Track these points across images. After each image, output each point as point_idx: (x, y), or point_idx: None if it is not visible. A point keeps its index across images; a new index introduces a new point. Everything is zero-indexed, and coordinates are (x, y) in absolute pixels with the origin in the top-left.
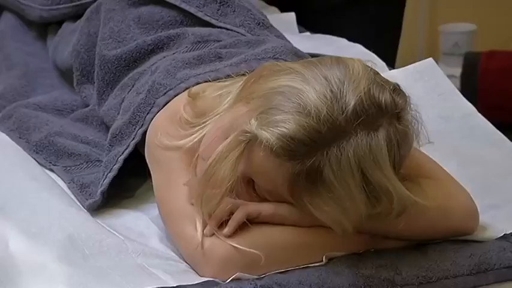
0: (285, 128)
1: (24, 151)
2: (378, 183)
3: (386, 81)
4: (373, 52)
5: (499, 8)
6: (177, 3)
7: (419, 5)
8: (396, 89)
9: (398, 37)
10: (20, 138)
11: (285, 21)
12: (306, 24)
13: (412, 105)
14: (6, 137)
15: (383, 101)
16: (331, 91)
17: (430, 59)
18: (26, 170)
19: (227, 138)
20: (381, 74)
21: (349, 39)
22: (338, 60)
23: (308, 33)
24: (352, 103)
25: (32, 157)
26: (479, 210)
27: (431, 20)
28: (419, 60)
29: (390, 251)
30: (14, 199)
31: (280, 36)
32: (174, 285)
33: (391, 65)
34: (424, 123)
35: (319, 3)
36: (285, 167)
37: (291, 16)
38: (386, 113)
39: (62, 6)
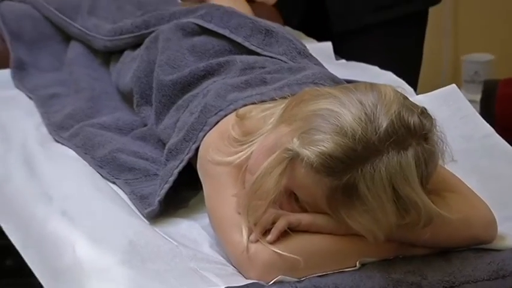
0: (324, 146)
1: (90, 166)
2: (407, 197)
3: (415, 105)
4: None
5: None
6: (226, 34)
7: (443, 37)
8: (423, 112)
9: (419, 64)
10: (85, 153)
11: (323, 50)
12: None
13: (437, 127)
14: (73, 152)
15: (412, 123)
16: (366, 114)
17: (453, 85)
18: (91, 182)
19: (272, 155)
20: (410, 99)
21: (370, 64)
22: (372, 86)
23: (344, 61)
24: (384, 125)
25: (96, 171)
26: (497, 222)
27: (454, 51)
28: (444, 87)
29: (417, 258)
30: (81, 208)
31: (319, 63)
32: (223, 286)
33: (414, 90)
34: (448, 143)
35: (338, 29)
36: (324, 182)
37: (328, 45)
38: (415, 133)
39: (123, 37)
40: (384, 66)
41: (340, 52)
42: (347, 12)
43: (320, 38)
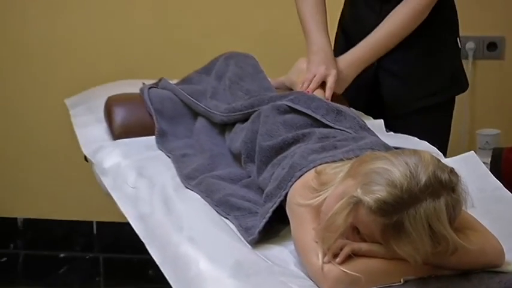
0: (380, 195)
1: (209, 205)
2: (439, 232)
3: (445, 165)
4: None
5: None
6: (309, 113)
7: (462, 116)
8: (452, 171)
9: (448, 136)
10: (206, 197)
11: (377, 125)
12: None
13: (461, 182)
14: (198, 196)
15: (443, 178)
16: (410, 171)
17: (472, 152)
18: (210, 217)
19: (341, 200)
20: (442, 161)
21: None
22: (414, 152)
23: (392, 133)
24: (423, 180)
25: (214, 209)
26: (505, 251)
27: (470, 126)
28: (464, 153)
29: (445, 277)
30: (202, 236)
31: (374, 135)
32: None
33: (444, 154)
34: (468, 193)
35: (390, 114)
36: (379, 221)
37: (380, 122)
38: (446, 186)
39: (235, 114)
40: (422, 138)
41: (389, 126)
42: (397, 101)
43: (375, 116)
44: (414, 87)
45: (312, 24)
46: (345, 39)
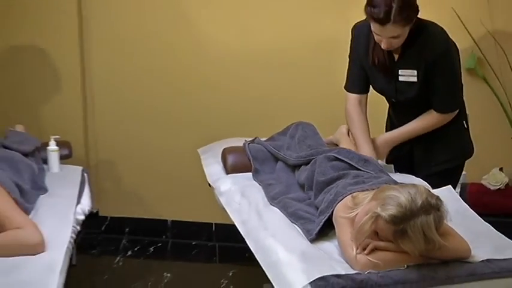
0: (391, 212)
1: (286, 216)
2: (430, 237)
3: (433, 194)
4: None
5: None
6: (347, 161)
7: None
8: (438, 198)
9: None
10: (284, 210)
11: (389, 168)
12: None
13: (443, 204)
14: (278, 210)
15: (432, 202)
16: (411, 197)
17: (449, 186)
18: (286, 223)
19: (367, 215)
20: (431, 191)
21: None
22: (413, 185)
23: (398, 173)
24: (420, 203)
25: (288, 219)
26: (471, 247)
27: None
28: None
29: (433, 264)
30: (281, 235)
31: (388, 174)
32: (343, 272)
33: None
34: (448, 211)
35: (420, 175)
36: (391, 228)
37: (391, 166)
38: (434, 207)
39: (301, 159)
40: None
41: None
42: (424, 163)
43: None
44: (437, 156)
45: (359, 135)
46: (390, 126)
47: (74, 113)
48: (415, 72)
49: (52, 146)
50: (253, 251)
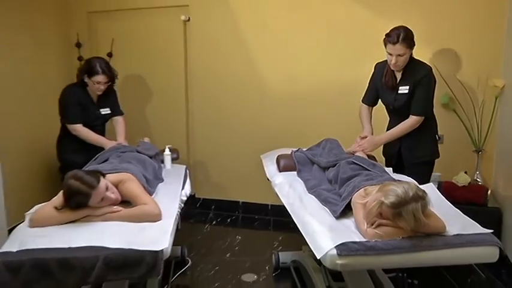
0: (391, 200)
1: (319, 201)
2: (418, 218)
3: (420, 188)
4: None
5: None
6: (361, 164)
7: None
8: (423, 191)
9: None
10: (317, 197)
11: (389, 170)
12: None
13: (427, 195)
14: (313, 196)
15: (419, 194)
16: (405, 190)
17: (431, 183)
18: (319, 205)
19: (374, 201)
20: (419, 186)
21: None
22: (407, 182)
23: (396, 174)
24: (411, 194)
25: (320, 202)
26: (446, 225)
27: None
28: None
29: (420, 236)
30: (315, 212)
31: (388, 174)
32: (358, 239)
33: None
34: (430, 200)
35: (404, 164)
36: (390, 211)
37: (390, 169)
38: (421, 197)
39: (330, 163)
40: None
41: (401, 171)
42: (408, 157)
43: (395, 165)
44: (416, 153)
45: (365, 122)
46: (389, 126)
47: (180, 130)
48: (408, 87)
49: (167, 151)
50: (296, 223)
